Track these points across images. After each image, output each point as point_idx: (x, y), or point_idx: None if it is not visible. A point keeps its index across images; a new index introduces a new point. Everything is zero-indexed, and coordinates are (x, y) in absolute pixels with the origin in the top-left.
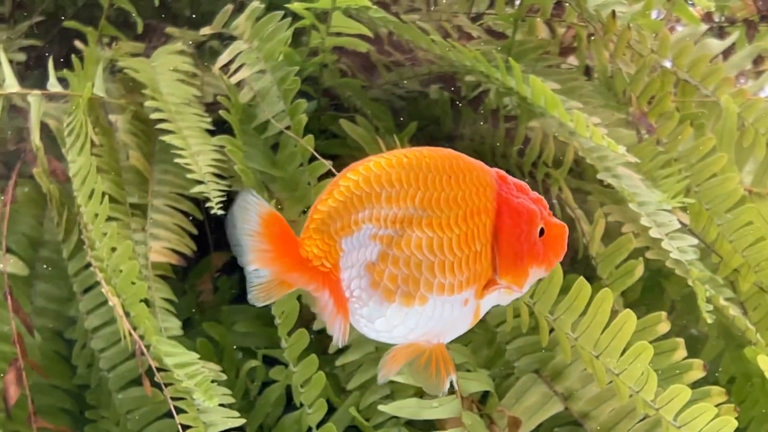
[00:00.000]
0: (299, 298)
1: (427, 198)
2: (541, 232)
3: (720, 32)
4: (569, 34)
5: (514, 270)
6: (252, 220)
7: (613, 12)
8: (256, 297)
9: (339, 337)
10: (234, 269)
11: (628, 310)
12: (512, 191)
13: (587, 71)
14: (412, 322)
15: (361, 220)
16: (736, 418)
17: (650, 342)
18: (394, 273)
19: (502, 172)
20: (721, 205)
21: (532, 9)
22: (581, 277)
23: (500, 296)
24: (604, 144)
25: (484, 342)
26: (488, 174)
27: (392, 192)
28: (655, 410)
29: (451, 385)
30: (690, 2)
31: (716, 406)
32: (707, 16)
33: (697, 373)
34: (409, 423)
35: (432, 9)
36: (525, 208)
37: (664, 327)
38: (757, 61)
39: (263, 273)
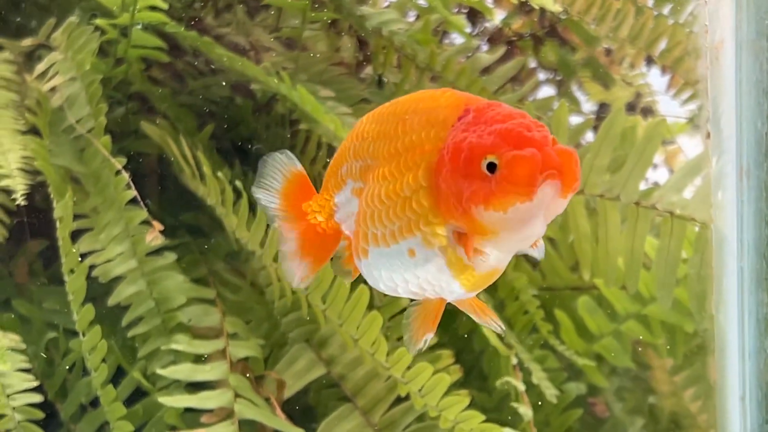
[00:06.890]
0: (88, 276)
1: (377, 148)
2: (494, 167)
3: (510, 47)
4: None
5: (455, 212)
6: (277, 178)
7: (380, 30)
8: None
9: (296, 280)
10: (51, 257)
11: (362, 285)
12: (468, 126)
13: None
14: (376, 275)
15: (345, 175)
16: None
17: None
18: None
19: (478, 104)
20: None
21: (334, 25)
22: None
23: (503, 244)
24: None
25: (264, 316)
26: (448, 110)
27: (359, 145)
28: (387, 369)
29: (223, 352)
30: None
31: (444, 368)
32: (498, 32)
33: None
34: (190, 385)
35: (243, 24)
36: (465, 142)
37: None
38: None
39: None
